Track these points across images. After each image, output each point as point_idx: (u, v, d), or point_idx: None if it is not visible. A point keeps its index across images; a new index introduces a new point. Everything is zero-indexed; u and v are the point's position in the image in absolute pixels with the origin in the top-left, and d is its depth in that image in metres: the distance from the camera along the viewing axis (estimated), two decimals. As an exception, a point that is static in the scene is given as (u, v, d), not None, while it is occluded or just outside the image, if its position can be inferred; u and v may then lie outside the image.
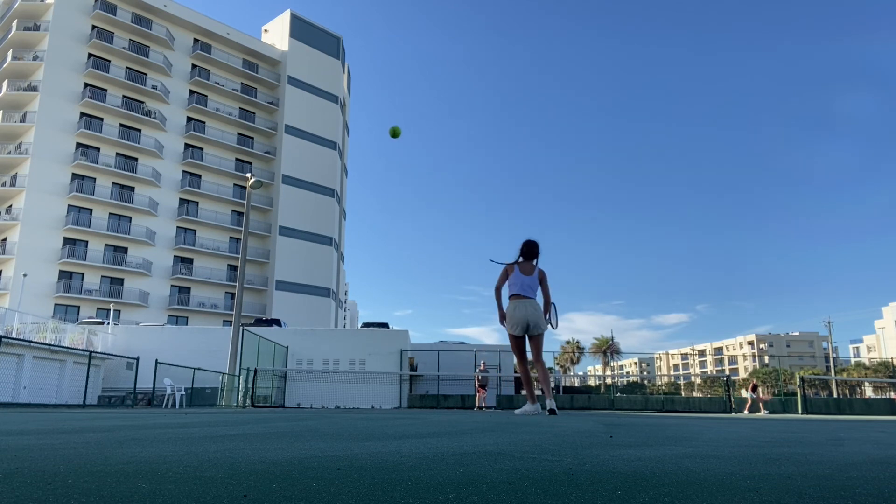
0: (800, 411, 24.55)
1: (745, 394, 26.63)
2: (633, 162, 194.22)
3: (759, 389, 27.25)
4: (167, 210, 52.13)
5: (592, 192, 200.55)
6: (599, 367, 70.79)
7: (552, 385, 27.47)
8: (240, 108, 59.08)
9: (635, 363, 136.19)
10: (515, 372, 42.06)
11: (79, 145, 48.18)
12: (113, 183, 49.43)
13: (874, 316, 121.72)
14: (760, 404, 25.23)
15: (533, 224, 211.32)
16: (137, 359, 20.78)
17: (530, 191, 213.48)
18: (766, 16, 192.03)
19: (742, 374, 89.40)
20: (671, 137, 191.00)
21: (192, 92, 55.83)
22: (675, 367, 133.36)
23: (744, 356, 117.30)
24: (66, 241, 46.36)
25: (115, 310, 41.11)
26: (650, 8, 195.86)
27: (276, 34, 63.44)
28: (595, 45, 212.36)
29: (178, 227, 52.74)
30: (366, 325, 36.35)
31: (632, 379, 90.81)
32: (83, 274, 46.68)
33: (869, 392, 66.01)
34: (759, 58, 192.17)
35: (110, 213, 48.88)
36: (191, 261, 52.83)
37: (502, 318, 6.90)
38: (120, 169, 49.68)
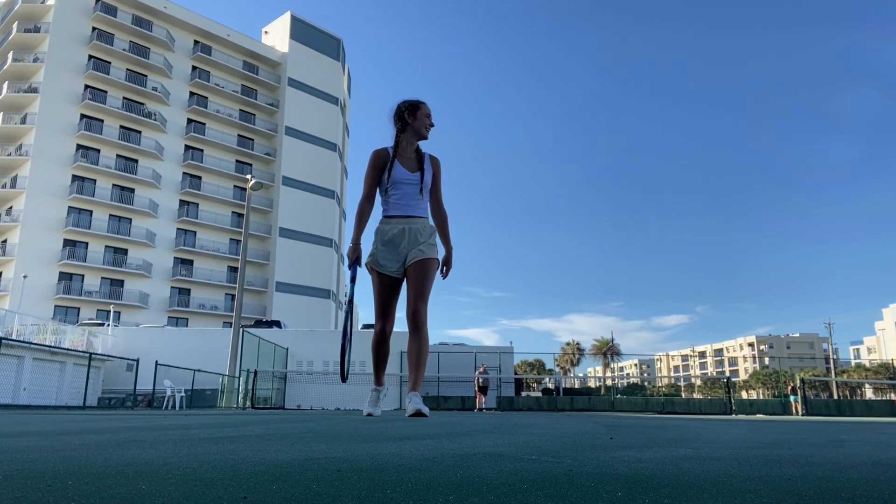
0: (800, 413, 24.55)
1: (792, 398, 26.43)
2: (633, 162, 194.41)
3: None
4: (167, 212, 52.16)
5: (591, 192, 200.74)
6: (599, 368, 70.85)
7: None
8: (240, 109, 59.14)
9: (635, 365, 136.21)
10: (516, 373, 41.59)
11: (79, 147, 48.22)
12: (113, 185, 49.47)
13: (874, 317, 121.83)
14: (795, 405, 25.19)
15: (532, 224, 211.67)
16: (137, 360, 20.78)
17: (529, 191, 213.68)
18: (764, 13, 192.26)
19: (742, 376, 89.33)
20: (670, 137, 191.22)
21: (192, 93, 55.89)
22: (676, 368, 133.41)
23: (744, 358, 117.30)
24: (67, 242, 46.39)
25: (115, 311, 41.12)
26: (645, 5, 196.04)
27: (277, 36, 63.52)
28: (590, 46, 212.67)
29: (178, 228, 52.77)
30: (366, 326, 36.33)
31: (632, 380, 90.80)
32: (83, 275, 46.71)
33: (869, 394, 66.00)
34: (759, 57, 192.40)
35: (110, 215, 48.91)
36: (191, 262, 52.85)
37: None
38: (120, 171, 49.73)
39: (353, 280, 4.18)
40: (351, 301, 4.22)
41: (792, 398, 26.14)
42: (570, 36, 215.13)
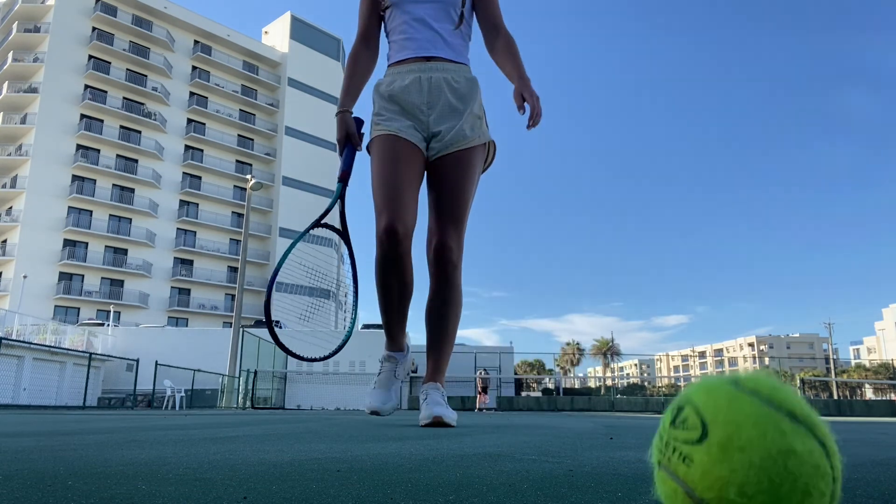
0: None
1: None
2: (633, 162, 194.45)
3: None
4: (167, 212, 52.15)
5: (591, 193, 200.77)
6: (599, 368, 70.83)
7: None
8: (240, 109, 59.13)
9: (635, 365, 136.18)
10: (516, 373, 41.29)
11: (79, 147, 48.22)
12: (113, 185, 49.46)
13: (874, 317, 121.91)
14: None
15: (531, 225, 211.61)
16: (137, 360, 20.77)
17: (528, 191, 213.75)
18: (765, 15, 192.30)
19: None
20: (671, 137, 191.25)
21: (192, 93, 55.88)
22: (676, 368, 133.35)
23: (744, 358, 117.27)
24: (67, 242, 46.38)
25: (115, 311, 41.11)
26: (634, 8, 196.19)
27: (277, 36, 63.51)
28: (592, 47, 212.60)
29: (178, 228, 52.77)
30: (366, 326, 36.32)
31: (632, 380, 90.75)
32: (83, 275, 46.70)
33: (869, 394, 65.95)
34: (761, 58, 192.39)
35: (110, 215, 48.91)
36: (191, 262, 52.84)
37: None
38: (120, 171, 49.73)
39: (343, 176, 2.60)
40: (326, 212, 2.57)
41: None
42: (573, 36, 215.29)
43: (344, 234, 2.71)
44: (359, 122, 2.60)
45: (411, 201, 2.43)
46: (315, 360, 2.61)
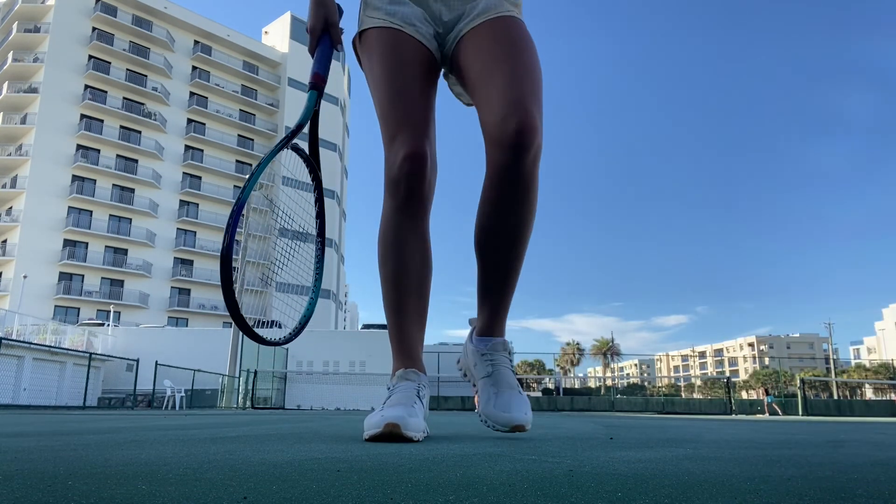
0: (800, 413, 24.55)
1: (768, 399, 26.67)
2: (633, 163, 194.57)
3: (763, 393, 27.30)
4: (167, 212, 52.16)
5: (591, 192, 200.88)
6: (599, 368, 70.86)
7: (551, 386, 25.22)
8: (240, 109, 59.15)
9: (635, 365, 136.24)
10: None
11: (79, 147, 48.23)
12: (113, 185, 49.48)
13: (874, 317, 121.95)
14: (773, 407, 25.22)
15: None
16: (137, 360, 20.77)
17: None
18: (765, 15, 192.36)
19: (742, 376, 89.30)
20: (671, 138, 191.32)
21: (192, 94, 55.90)
22: (676, 368, 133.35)
23: (744, 358, 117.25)
24: (67, 242, 46.39)
25: (115, 311, 41.11)
26: (640, 6, 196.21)
27: (277, 36, 63.53)
28: (592, 48, 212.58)
29: (178, 228, 52.79)
30: (366, 326, 36.36)
31: (632, 381, 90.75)
32: (83, 275, 46.70)
33: (869, 394, 65.96)
34: (759, 59, 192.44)
35: (110, 215, 48.93)
36: (191, 262, 52.85)
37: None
38: (120, 171, 49.75)
39: (316, 81, 1.97)
40: (298, 129, 1.92)
41: (768, 399, 26.15)
42: (573, 38, 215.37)
43: (313, 158, 2.09)
44: (339, 11, 1.96)
45: (432, 126, 1.75)
46: (278, 343, 2.06)
